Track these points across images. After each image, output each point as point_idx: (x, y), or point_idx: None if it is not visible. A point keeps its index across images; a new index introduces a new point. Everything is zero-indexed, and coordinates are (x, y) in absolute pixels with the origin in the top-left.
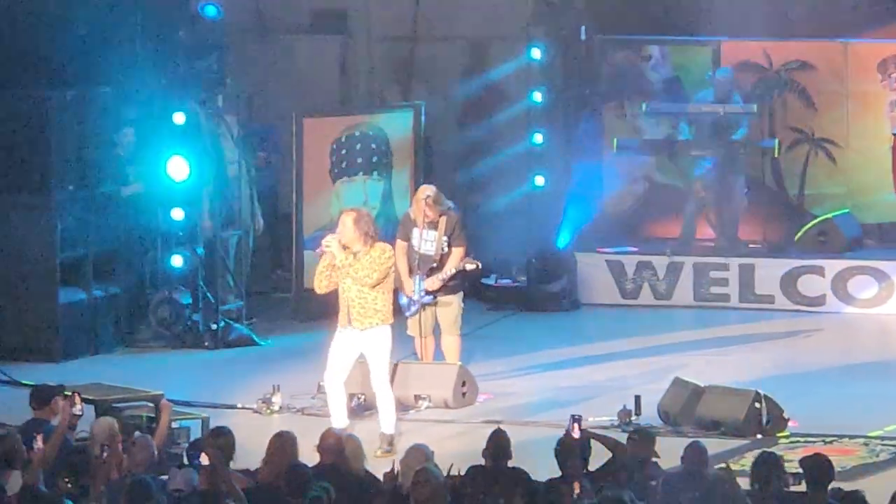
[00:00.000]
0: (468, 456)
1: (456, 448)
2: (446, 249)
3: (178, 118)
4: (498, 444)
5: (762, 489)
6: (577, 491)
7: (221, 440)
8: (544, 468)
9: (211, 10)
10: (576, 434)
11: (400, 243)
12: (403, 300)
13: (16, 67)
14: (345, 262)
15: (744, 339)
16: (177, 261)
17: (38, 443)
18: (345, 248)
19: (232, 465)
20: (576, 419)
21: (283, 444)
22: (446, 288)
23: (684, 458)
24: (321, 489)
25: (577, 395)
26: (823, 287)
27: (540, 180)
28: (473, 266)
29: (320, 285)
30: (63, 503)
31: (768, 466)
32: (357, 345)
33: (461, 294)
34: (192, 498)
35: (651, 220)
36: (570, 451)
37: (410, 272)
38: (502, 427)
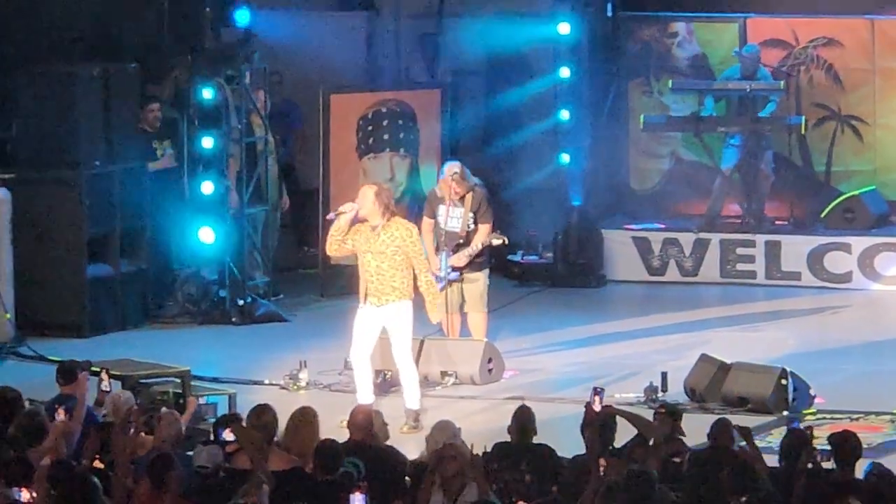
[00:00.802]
0: (493, 432)
1: (481, 424)
2: (473, 226)
3: (204, 94)
4: (522, 421)
5: (791, 466)
6: (602, 467)
7: (264, 418)
8: (570, 444)
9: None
10: (596, 407)
11: (426, 220)
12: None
13: (42, 44)
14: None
15: (770, 315)
16: (206, 235)
17: (60, 414)
18: (363, 221)
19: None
20: (597, 392)
21: (304, 422)
22: (473, 264)
23: (711, 434)
24: (351, 465)
25: (603, 371)
26: (850, 264)
27: (566, 157)
28: (500, 241)
29: (331, 248)
30: (90, 478)
31: (797, 443)
32: (378, 320)
33: (487, 271)
34: (216, 475)
35: (677, 196)
36: (591, 424)
37: (437, 249)
38: (527, 403)
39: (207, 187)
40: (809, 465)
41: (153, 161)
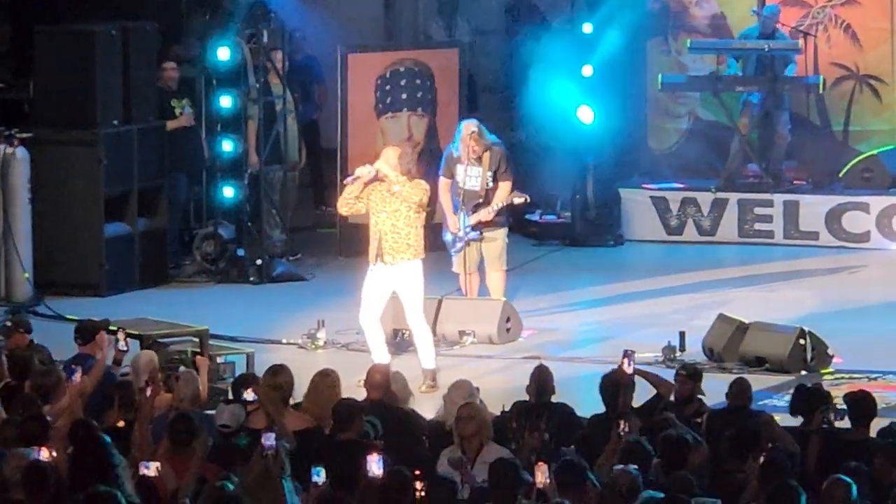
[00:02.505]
0: (512, 391)
1: (499, 383)
2: (492, 184)
3: (222, 53)
4: (540, 380)
5: (805, 424)
6: (623, 428)
7: (279, 378)
8: (588, 404)
9: None
10: (628, 370)
11: (444, 180)
12: (448, 237)
13: (61, 3)
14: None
15: (788, 275)
16: (228, 192)
17: (77, 375)
18: (381, 181)
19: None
20: (627, 354)
21: (327, 384)
22: (492, 223)
23: (729, 394)
24: (368, 424)
25: (621, 331)
26: (868, 223)
27: (587, 113)
28: (522, 199)
29: (342, 208)
30: (103, 438)
31: (812, 401)
32: (388, 281)
33: (506, 230)
34: (239, 434)
35: (695, 156)
36: (619, 387)
37: (455, 208)
38: (545, 363)
39: (226, 146)
40: (824, 426)
41: (171, 120)
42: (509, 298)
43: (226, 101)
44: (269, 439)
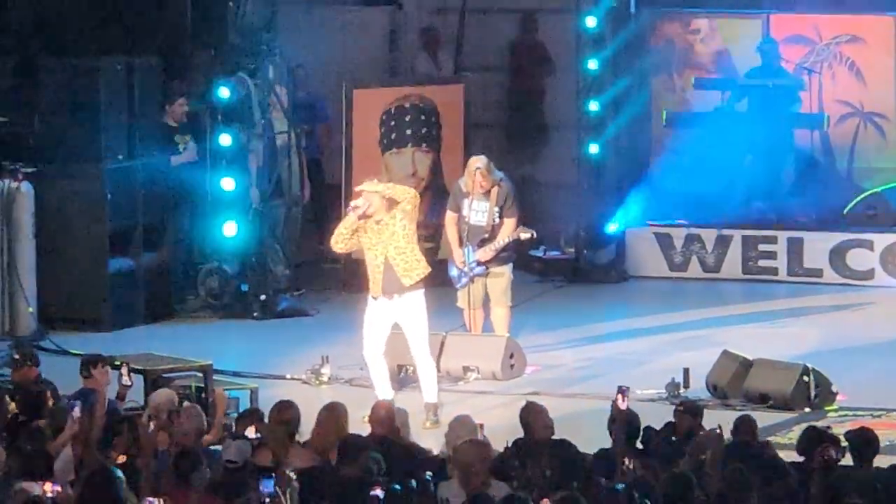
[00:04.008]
0: (515, 428)
1: (503, 420)
2: (498, 220)
3: (223, 92)
4: (524, 420)
5: (805, 462)
6: (626, 464)
7: (286, 414)
8: (591, 439)
9: None
10: (622, 405)
11: (450, 214)
12: (454, 272)
13: (67, 37)
14: (364, 213)
15: (792, 312)
16: (230, 229)
17: (76, 412)
18: (368, 217)
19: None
20: (622, 390)
21: (333, 416)
22: (498, 258)
23: (734, 431)
24: (372, 460)
25: (625, 367)
26: (872, 261)
27: (594, 149)
28: (528, 235)
29: (336, 244)
30: (113, 473)
31: (812, 440)
32: (390, 314)
33: (512, 265)
34: (244, 469)
35: (700, 192)
36: (615, 422)
37: (461, 243)
38: (549, 399)
39: (228, 184)
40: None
41: (174, 156)
42: (513, 334)
43: (226, 139)
44: (267, 486)
